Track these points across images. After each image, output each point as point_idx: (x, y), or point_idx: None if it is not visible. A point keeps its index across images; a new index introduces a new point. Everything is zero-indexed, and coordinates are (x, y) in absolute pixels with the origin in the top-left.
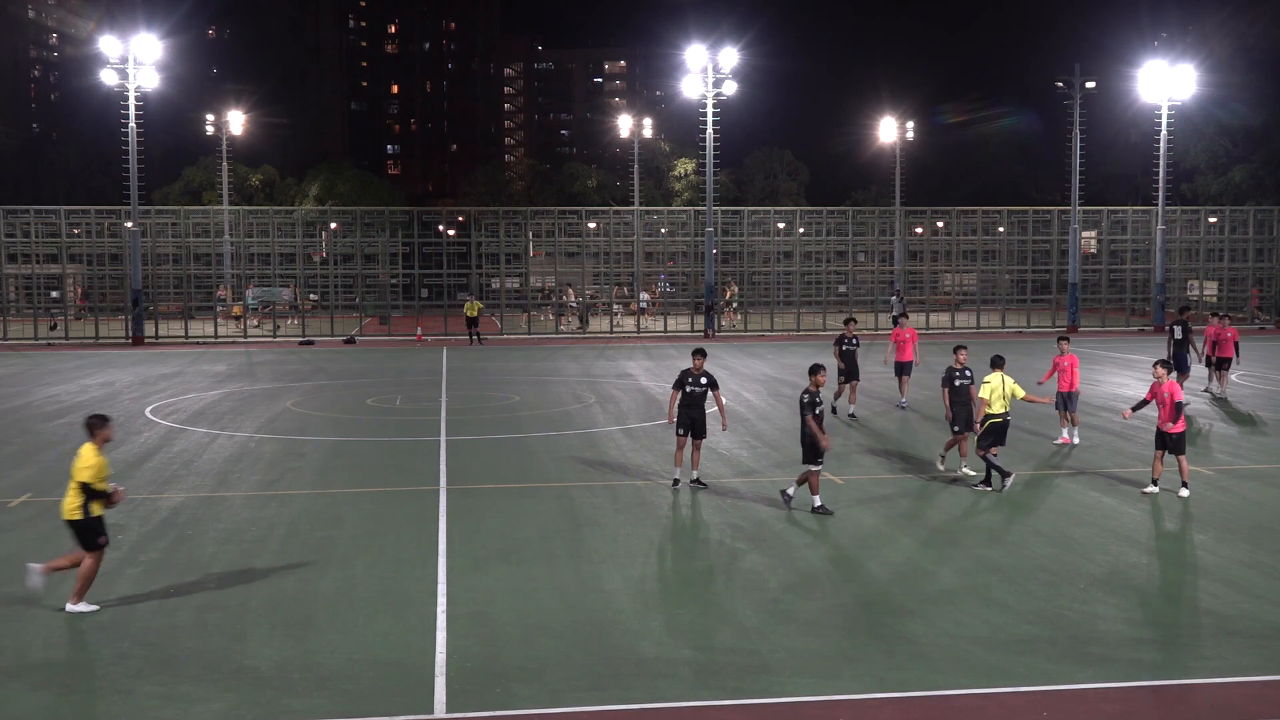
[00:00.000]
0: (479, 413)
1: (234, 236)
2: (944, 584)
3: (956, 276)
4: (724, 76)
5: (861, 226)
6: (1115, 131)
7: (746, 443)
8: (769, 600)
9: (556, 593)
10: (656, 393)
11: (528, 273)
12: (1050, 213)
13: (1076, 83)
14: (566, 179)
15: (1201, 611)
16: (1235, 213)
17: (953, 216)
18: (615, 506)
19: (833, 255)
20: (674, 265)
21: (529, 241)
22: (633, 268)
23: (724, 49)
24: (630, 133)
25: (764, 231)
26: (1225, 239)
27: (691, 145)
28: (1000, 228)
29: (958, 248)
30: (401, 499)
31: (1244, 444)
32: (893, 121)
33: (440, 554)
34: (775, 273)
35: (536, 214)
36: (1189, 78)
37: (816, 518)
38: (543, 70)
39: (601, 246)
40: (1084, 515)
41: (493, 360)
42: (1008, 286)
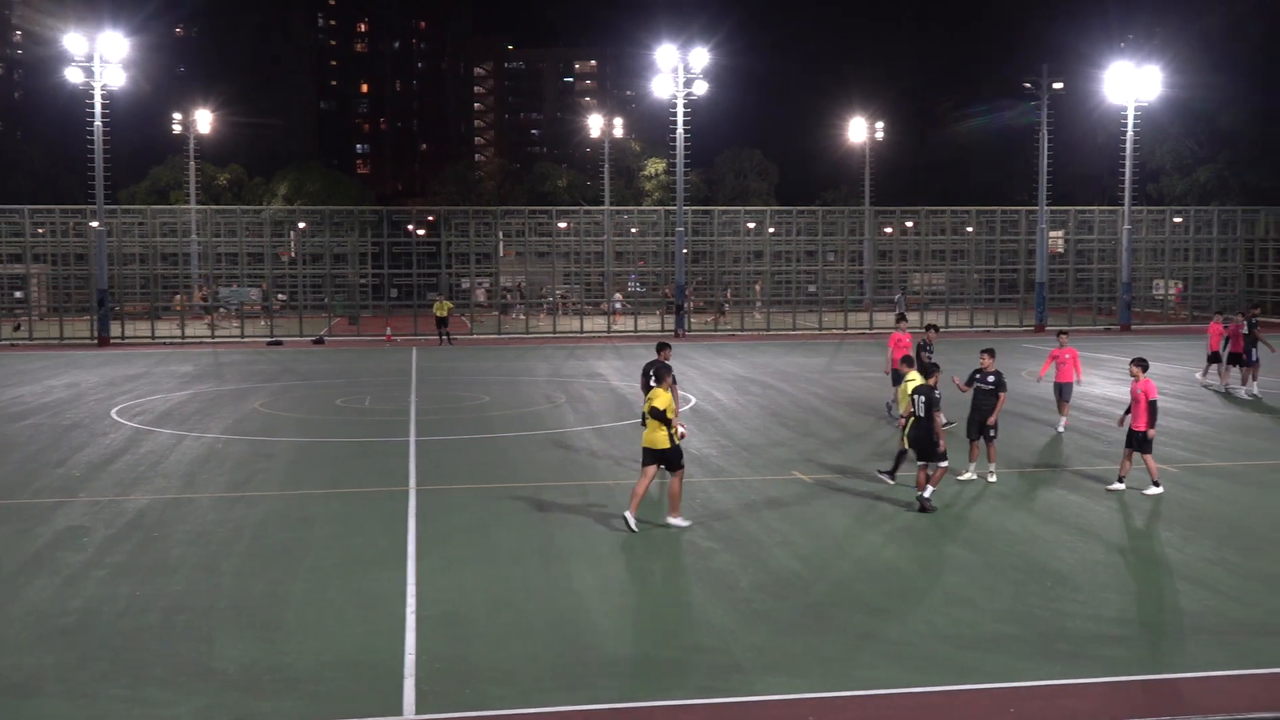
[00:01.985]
0: (449, 413)
1: (201, 236)
2: (913, 582)
3: (925, 276)
4: (694, 76)
5: (831, 226)
6: (1083, 132)
7: (716, 442)
8: (740, 599)
9: (527, 593)
10: (626, 392)
11: (498, 272)
12: (1018, 213)
13: (1044, 84)
14: (537, 179)
15: (1168, 608)
16: (1200, 213)
17: (921, 216)
18: (586, 506)
19: (802, 255)
20: (644, 265)
21: (499, 241)
22: (603, 268)
23: (694, 49)
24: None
25: (734, 231)
26: (1190, 239)
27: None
28: (969, 227)
29: (926, 247)
30: (371, 500)
31: (1210, 441)
32: (862, 122)
33: (410, 555)
34: (745, 272)
35: (507, 214)
36: (1155, 79)
37: (785, 517)
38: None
39: (572, 246)
40: (1051, 513)
41: (463, 360)
42: (976, 286)
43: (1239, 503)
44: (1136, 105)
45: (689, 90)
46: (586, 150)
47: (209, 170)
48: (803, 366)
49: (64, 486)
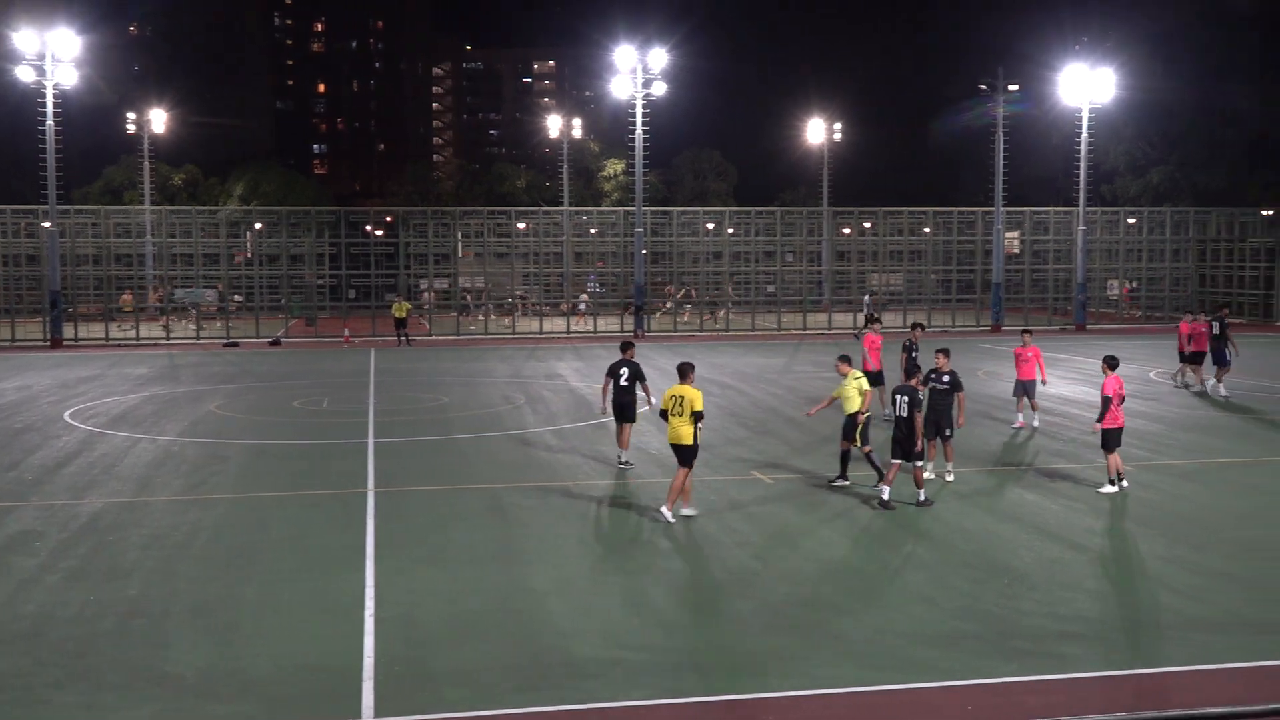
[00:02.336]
0: (407, 414)
1: (156, 237)
2: (871, 581)
3: (883, 276)
4: (653, 77)
5: (790, 227)
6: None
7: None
8: (699, 599)
9: (486, 594)
10: (586, 393)
11: (456, 273)
12: (975, 213)
13: (1000, 86)
14: (495, 179)
15: (1123, 605)
16: (1153, 214)
17: (879, 217)
18: (545, 507)
19: (761, 255)
20: (604, 265)
21: (458, 242)
22: (562, 268)
23: (653, 50)
24: (560, 133)
25: (693, 232)
26: (1144, 239)
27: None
28: (926, 228)
29: (884, 248)
30: (328, 502)
31: (1164, 440)
32: (820, 123)
33: (368, 557)
34: (705, 273)
35: (465, 214)
36: (1109, 81)
37: (745, 517)
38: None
39: (531, 247)
40: (1009, 511)
41: (421, 361)
42: (933, 286)
43: (1192, 500)
44: (1091, 107)
45: (648, 91)
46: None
47: (164, 170)
48: (762, 367)
49: (16, 490)
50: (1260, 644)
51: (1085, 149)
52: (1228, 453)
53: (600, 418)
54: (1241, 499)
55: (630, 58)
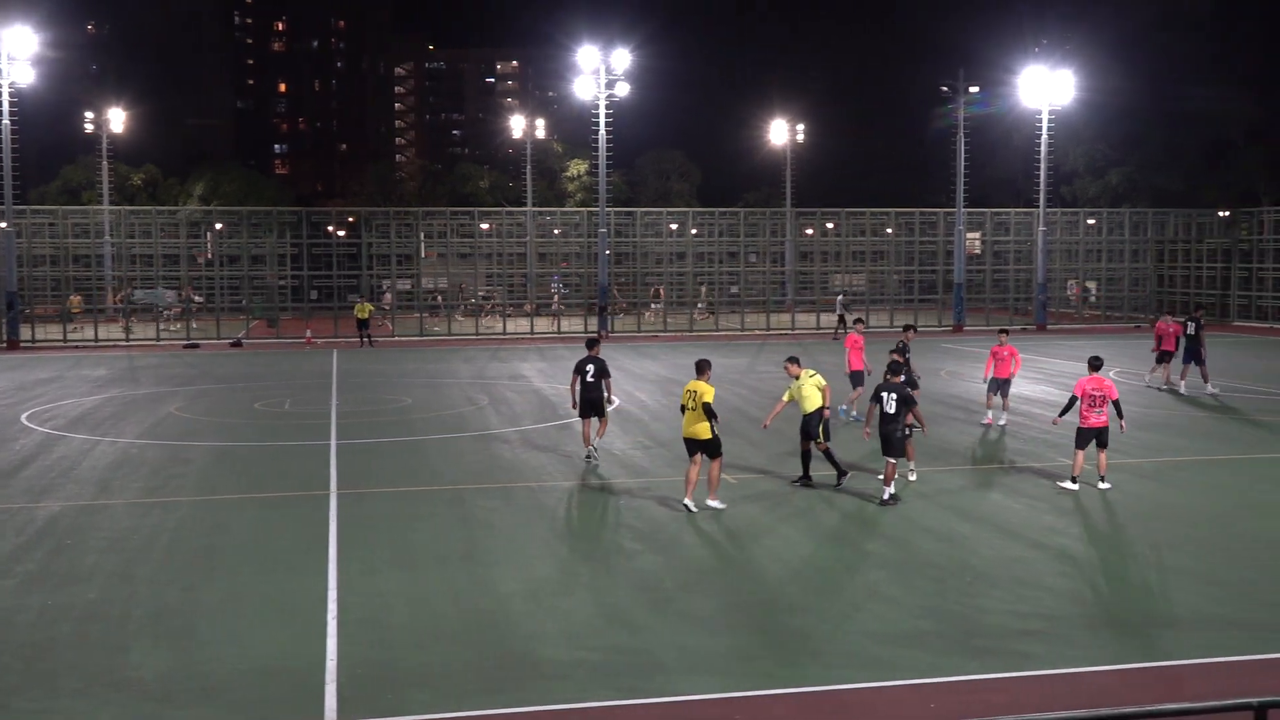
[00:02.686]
0: (370, 416)
1: (115, 237)
2: (835, 580)
3: (846, 277)
4: (616, 78)
5: (753, 228)
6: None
7: (641, 444)
8: (663, 599)
9: (450, 596)
10: (550, 394)
11: (419, 274)
12: (936, 214)
13: (961, 87)
14: (459, 179)
15: (1082, 602)
16: (1112, 215)
17: (842, 218)
18: (509, 508)
19: (725, 256)
20: (568, 266)
21: (421, 242)
22: (526, 269)
23: (616, 50)
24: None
25: (657, 232)
26: (1103, 240)
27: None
28: (888, 229)
29: (847, 248)
30: (290, 504)
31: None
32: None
33: (330, 559)
34: (668, 273)
35: (428, 215)
36: (1068, 83)
37: (708, 517)
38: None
39: (495, 247)
40: (971, 510)
41: (384, 363)
42: (896, 286)
43: (1147, 498)
44: (1051, 109)
45: (611, 92)
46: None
47: (122, 170)
48: (725, 367)
49: None
50: (1221, 640)
51: (1045, 150)
52: (1186, 451)
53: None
54: (1200, 496)
55: (593, 58)
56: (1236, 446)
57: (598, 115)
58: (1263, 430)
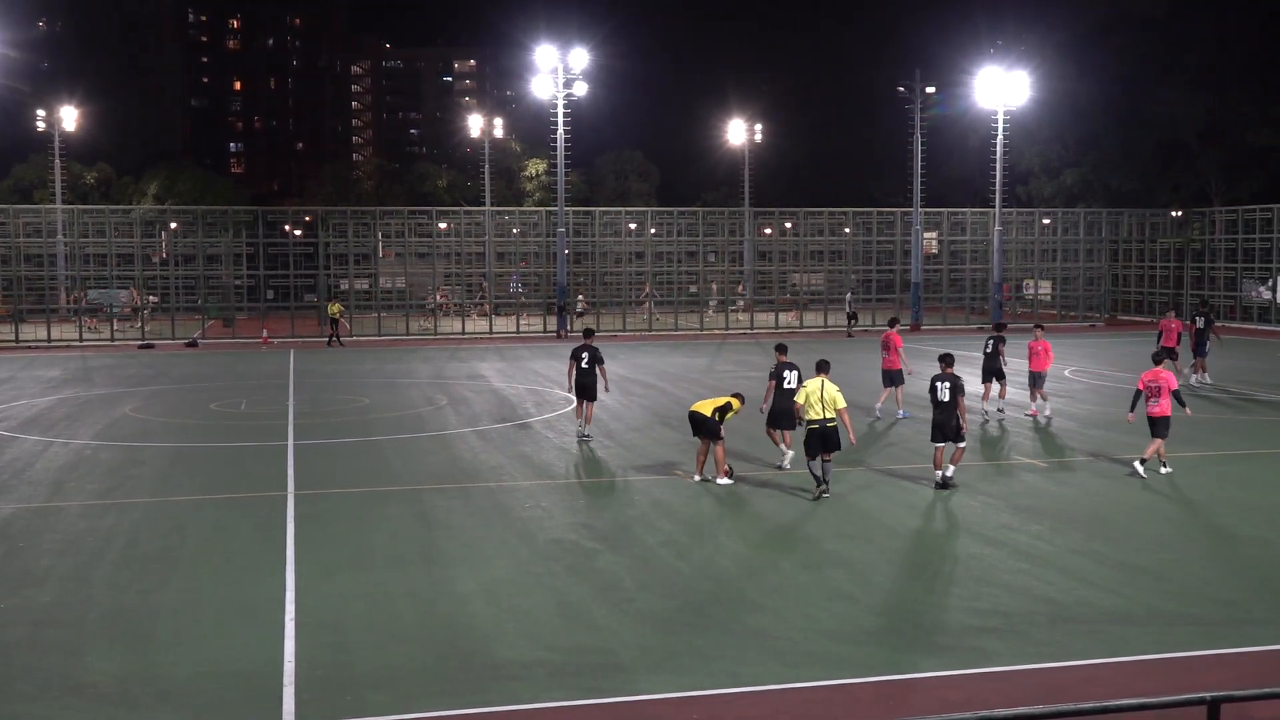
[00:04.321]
0: (328, 416)
1: (68, 237)
2: (794, 579)
3: (804, 276)
4: (574, 77)
5: (712, 227)
6: (956, 136)
7: (600, 443)
8: (623, 599)
9: (408, 597)
10: (509, 394)
11: (377, 274)
12: (894, 214)
13: (917, 88)
14: (416, 179)
15: (1039, 599)
16: (1067, 214)
17: (800, 217)
18: (468, 509)
19: (684, 255)
20: (526, 265)
21: (378, 242)
22: (484, 268)
23: (574, 50)
24: (481, 132)
25: (615, 232)
26: (1058, 240)
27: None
28: (846, 228)
29: (805, 248)
30: (247, 506)
31: (1078, 436)
32: (741, 124)
33: (288, 561)
34: (627, 273)
35: (386, 214)
36: (1024, 85)
37: (668, 517)
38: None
39: (453, 247)
40: (926, 508)
41: (342, 363)
42: (853, 286)
43: (1102, 495)
44: (1006, 110)
45: (569, 91)
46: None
47: (75, 169)
48: (685, 367)
49: None
50: (1173, 636)
51: (1001, 151)
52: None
53: (533, 412)
54: (1150, 493)
55: (551, 58)
56: (1194, 445)
57: (556, 115)
58: (1219, 427)
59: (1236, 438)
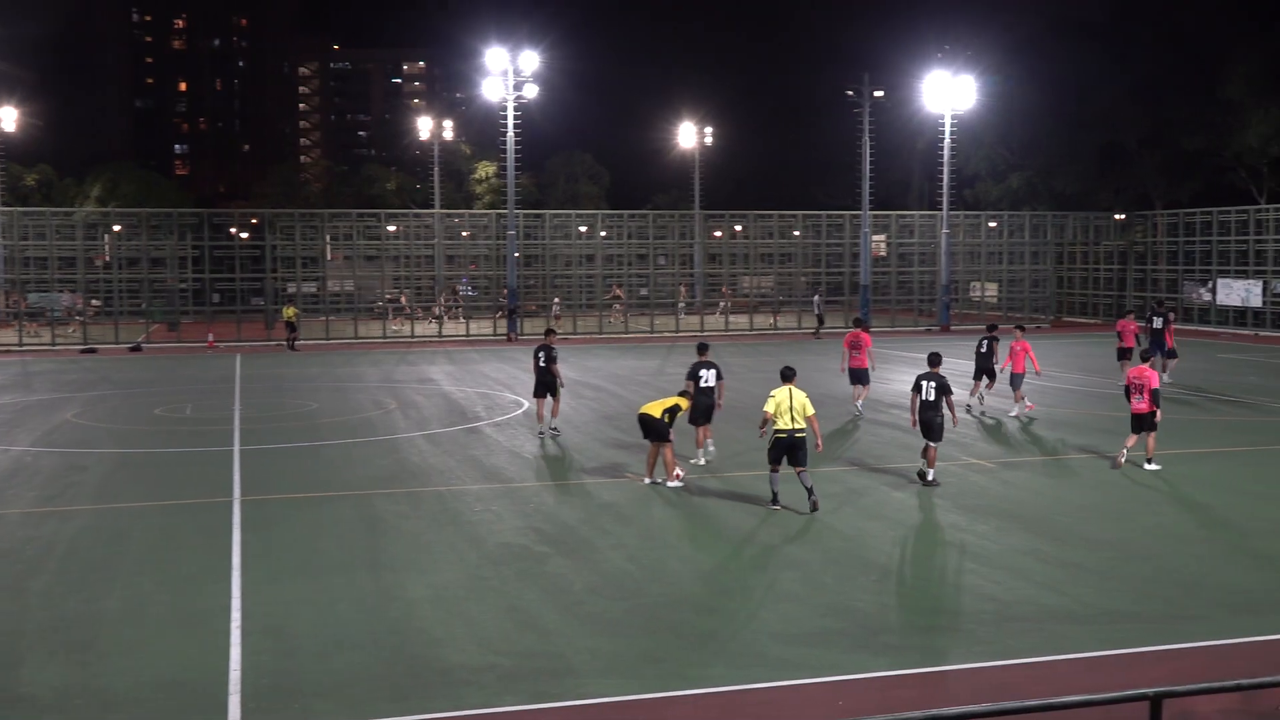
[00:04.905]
0: (274, 421)
1: (7, 239)
2: (742, 580)
3: (754, 279)
4: (525, 79)
5: (662, 230)
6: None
7: (549, 446)
8: (573, 603)
9: (356, 603)
10: (459, 397)
11: (325, 277)
12: (843, 217)
13: (866, 92)
14: (365, 181)
15: (985, 598)
16: (1013, 217)
17: (750, 220)
18: (417, 514)
19: (634, 258)
20: (476, 269)
21: (326, 245)
22: (434, 271)
23: (524, 52)
24: (430, 135)
25: (566, 235)
26: (1004, 242)
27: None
28: (795, 231)
29: (755, 251)
30: (192, 512)
31: (1022, 436)
32: (691, 126)
33: (234, 568)
34: (578, 276)
35: (334, 216)
36: (970, 88)
37: (618, 519)
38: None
39: (401, 250)
40: (874, 509)
41: (289, 367)
42: (803, 288)
43: (1049, 494)
44: (953, 114)
45: (519, 93)
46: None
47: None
48: (635, 369)
49: None
50: (1116, 633)
51: (948, 154)
52: (1083, 448)
53: (482, 416)
54: (1095, 493)
55: (502, 59)
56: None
57: (506, 117)
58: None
59: (1182, 438)
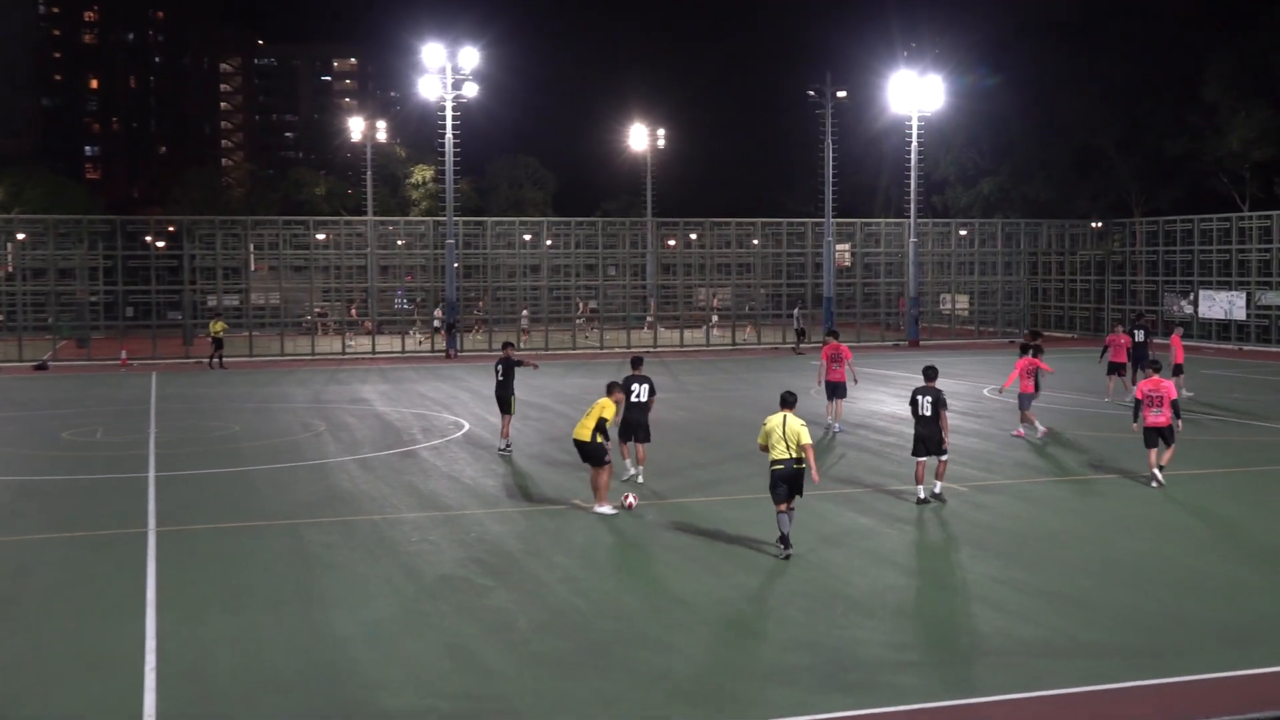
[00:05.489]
0: (194, 445)
1: None
2: (701, 615)
3: (710, 291)
4: (464, 77)
5: (612, 238)
6: (868, 142)
7: (493, 471)
8: (518, 641)
9: (284, 642)
10: (394, 419)
11: (248, 289)
12: (805, 225)
13: (828, 92)
14: (292, 186)
15: (958, 630)
16: (984, 225)
17: (706, 228)
18: (349, 544)
19: (582, 269)
20: (412, 280)
21: (250, 254)
22: (366, 283)
23: (464, 48)
24: (362, 136)
25: (509, 244)
26: (975, 252)
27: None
28: (754, 240)
29: (712, 260)
30: (103, 544)
31: (995, 459)
32: (643, 128)
33: (149, 605)
34: (522, 287)
35: (258, 224)
36: (938, 89)
37: (566, 550)
38: (264, 66)
39: (332, 260)
40: (841, 537)
41: (210, 386)
42: (763, 300)
43: (1024, 519)
44: (920, 116)
45: (458, 92)
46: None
47: None
48: (584, 388)
49: None
50: (1095, 668)
51: (915, 158)
52: (1056, 471)
53: (419, 439)
54: (1072, 518)
55: (439, 56)
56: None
57: (444, 117)
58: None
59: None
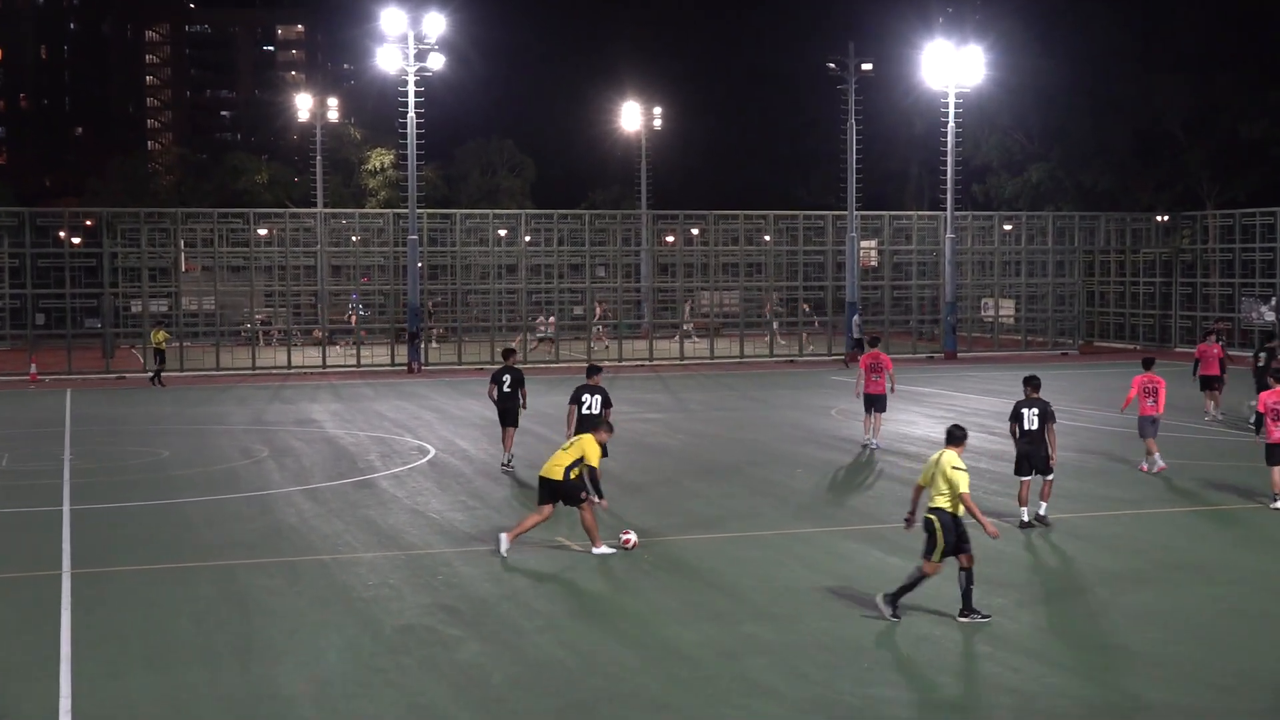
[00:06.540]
0: (116, 474)
1: None
2: (704, 669)
3: (714, 295)
4: (429, 47)
5: (601, 234)
6: (898, 122)
7: (463, 503)
8: (491, 699)
9: (219, 701)
10: (348, 443)
11: (179, 292)
12: (824, 218)
13: (850, 65)
14: (229, 173)
15: (1002, 689)
16: (1032, 219)
17: (709, 222)
18: (295, 589)
19: (567, 269)
20: (368, 281)
21: (180, 252)
22: (316, 285)
23: (428, 13)
24: (311, 115)
25: (481, 240)
26: (1022, 249)
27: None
28: (766, 236)
29: (716, 260)
30: (10, 589)
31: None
32: (636, 107)
33: (63, 658)
34: (496, 290)
35: (190, 217)
36: (978, 62)
37: (547, 595)
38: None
39: (276, 259)
40: (867, 579)
41: (133, 405)
42: (776, 305)
43: (1080, 559)
44: (958, 93)
45: (422, 64)
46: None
47: None
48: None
49: None
50: None
51: (953, 142)
52: (1120, 503)
53: (377, 466)
54: (1136, 558)
55: (400, 22)
56: (1188, 499)
57: (406, 94)
58: (1216, 476)
59: (1245, 489)
